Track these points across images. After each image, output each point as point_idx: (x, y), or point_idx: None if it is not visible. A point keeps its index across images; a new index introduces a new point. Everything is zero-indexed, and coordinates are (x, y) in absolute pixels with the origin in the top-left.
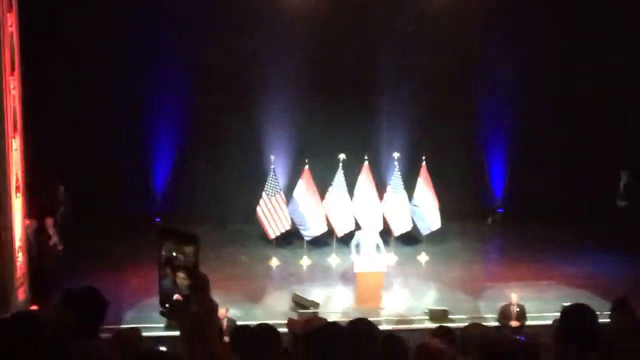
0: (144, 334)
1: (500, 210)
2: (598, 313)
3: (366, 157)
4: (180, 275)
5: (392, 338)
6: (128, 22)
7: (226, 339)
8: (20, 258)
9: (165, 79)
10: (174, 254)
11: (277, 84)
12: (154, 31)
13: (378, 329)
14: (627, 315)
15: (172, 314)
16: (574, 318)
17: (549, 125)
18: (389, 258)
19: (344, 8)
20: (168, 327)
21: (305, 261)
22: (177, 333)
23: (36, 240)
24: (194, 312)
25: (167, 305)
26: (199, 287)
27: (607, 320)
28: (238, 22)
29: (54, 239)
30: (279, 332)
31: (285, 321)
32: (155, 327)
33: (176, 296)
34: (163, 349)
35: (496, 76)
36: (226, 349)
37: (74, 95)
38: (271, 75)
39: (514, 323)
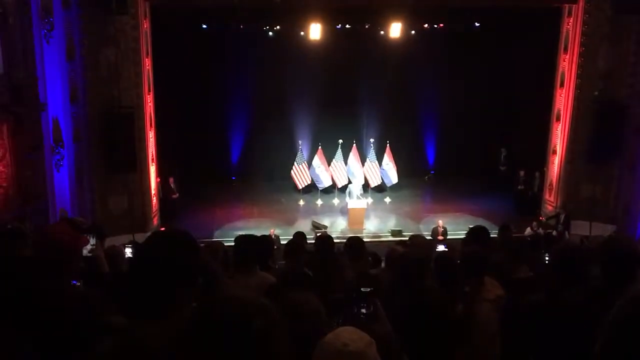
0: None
1: (432, 172)
2: (490, 232)
3: (354, 142)
4: None
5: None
6: (215, 65)
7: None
8: (154, 200)
9: (238, 96)
10: None
11: (302, 97)
12: (228, 69)
13: (363, 240)
14: (508, 233)
15: None
16: (476, 233)
17: (462, 120)
18: (367, 200)
19: (340, 48)
20: None
21: (319, 202)
22: None
23: (163, 190)
24: None
25: None
26: None
27: (496, 236)
28: (279, 60)
29: (173, 190)
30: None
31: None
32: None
33: None
34: None
35: (429, 89)
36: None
37: (184, 105)
38: (299, 91)
39: (440, 237)
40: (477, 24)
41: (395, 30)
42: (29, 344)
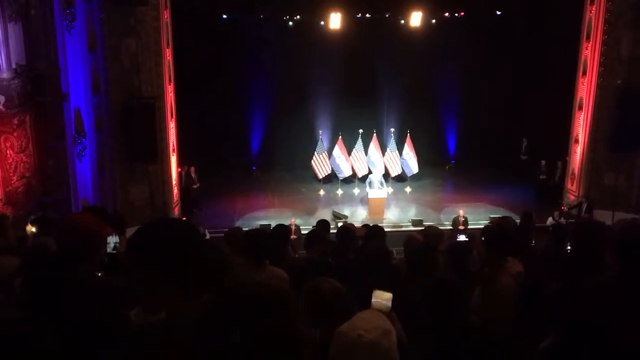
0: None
1: (452, 162)
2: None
3: (374, 131)
4: None
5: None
6: (236, 55)
7: (293, 236)
8: (175, 190)
9: (258, 86)
10: None
11: (322, 87)
12: (248, 58)
13: (383, 229)
14: (531, 222)
15: None
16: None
17: (482, 109)
18: (388, 190)
19: (360, 38)
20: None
21: (339, 191)
22: None
23: (185, 180)
24: None
25: None
26: None
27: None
28: (299, 49)
29: (194, 180)
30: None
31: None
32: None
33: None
34: None
35: (450, 78)
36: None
37: (204, 95)
38: (319, 81)
39: (461, 227)
40: (498, 12)
41: (415, 19)
42: (54, 334)
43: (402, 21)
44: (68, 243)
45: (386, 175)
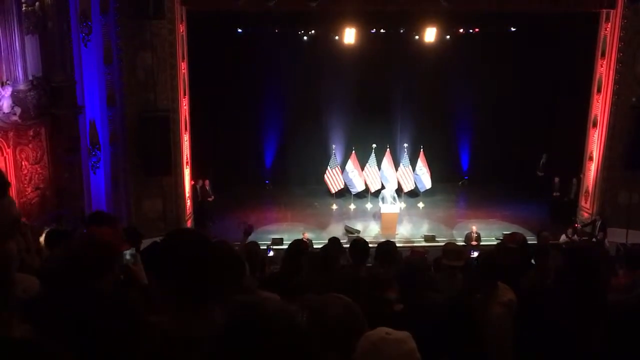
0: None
1: (466, 177)
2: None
3: (388, 146)
4: None
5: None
6: (250, 69)
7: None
8: (188, 203)
9: (272, 100)
10: None
11: (336, 101)
12: (262, 73)
13: (395, 244)
14: (546, 239)
15: None
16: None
17: (496, 125)
18: (400, 205)
19: (374, 53)
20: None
21: (352, 206)
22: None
23: (200, 193)
24: None
25: None
26: None
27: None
28: (313, 64)
29: (209, 192)
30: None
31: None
32: (263, 243)
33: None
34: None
35: (464, 94)
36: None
37: (218, 109)
38: (333, 96)
39: (474, 243)
40: (512, 29)
41: (430, 34)
42: (72, 343)
43: (417, 37)
44: (84, 257)
45: (399, 191)
